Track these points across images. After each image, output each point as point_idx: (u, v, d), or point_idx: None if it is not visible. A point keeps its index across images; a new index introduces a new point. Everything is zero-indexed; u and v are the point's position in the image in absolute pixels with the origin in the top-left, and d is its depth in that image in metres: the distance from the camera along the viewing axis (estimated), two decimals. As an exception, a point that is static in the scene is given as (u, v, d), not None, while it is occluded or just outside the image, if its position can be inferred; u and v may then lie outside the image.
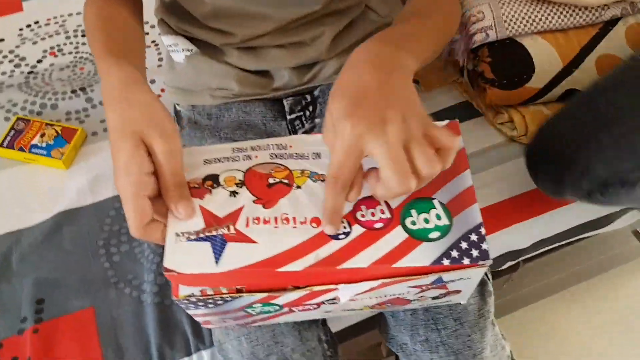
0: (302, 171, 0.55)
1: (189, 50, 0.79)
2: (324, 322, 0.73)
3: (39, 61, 1.04)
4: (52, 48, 1.06)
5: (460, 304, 0.69)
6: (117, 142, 0.49)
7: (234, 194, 0.53)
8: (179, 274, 0.49)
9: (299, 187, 0.54)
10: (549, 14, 0.84)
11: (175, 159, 0.50)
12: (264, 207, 0.52)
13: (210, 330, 0.74)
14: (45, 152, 0.88)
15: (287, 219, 0.52)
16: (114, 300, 0.77)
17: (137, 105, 0.52)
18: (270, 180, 0.54)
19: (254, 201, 0.52)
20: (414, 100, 0.50)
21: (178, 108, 0.86)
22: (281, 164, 0.55)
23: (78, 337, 0.74)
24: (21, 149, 0.89)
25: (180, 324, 0.75)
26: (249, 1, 0.73)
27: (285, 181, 0.54)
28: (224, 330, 0.68)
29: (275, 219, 0.52)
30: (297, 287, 0.53)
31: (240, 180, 0.54)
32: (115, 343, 0.74)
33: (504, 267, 0.99)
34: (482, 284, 0.73)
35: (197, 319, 0.68)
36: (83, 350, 0.73)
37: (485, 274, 0.75)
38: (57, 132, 0.91)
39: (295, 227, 0.51)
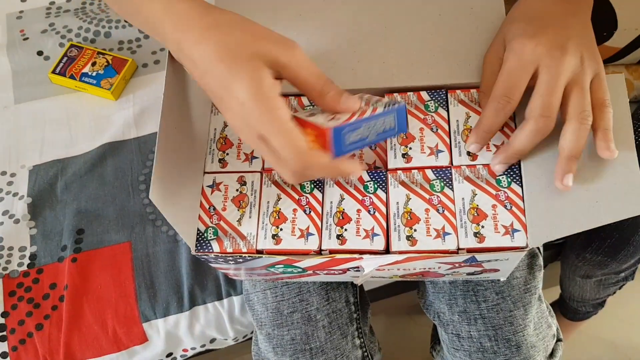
0: None
1: None
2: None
3: (97, -14, 1.03)
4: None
5: None
6: (228, 73, 0.43)
7: None
8: None
9: None
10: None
11: (312, 62, 0.46)
12: None
13: (241, 277, 0.74)
14: (95, 82, 0.87)
15: None
16: (150, 237, 0.77)
17: (236, 26, 0.45)
18: None
19: None
20: (594, 43, 0.51)
21: None
22: None
23: (113, 270, 0.74)
24: (72, 77, 0.88)
25: (213, 268, 0.75)
26: None
27: None
28: (251, 281, 0.67)
29: None
30: (318, 253, 0.50)
31: None
32: (148, 279, 0.74)
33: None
34: (532, 256, 0.68)
35: (222, 271, 0.67)
36: (117, 284, 0.74)
37: (537, 247, 0.70)
38: (107, 61, 0.89)
39: None
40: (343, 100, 0.46)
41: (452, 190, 0.52)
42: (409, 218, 0.51)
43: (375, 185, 0.53)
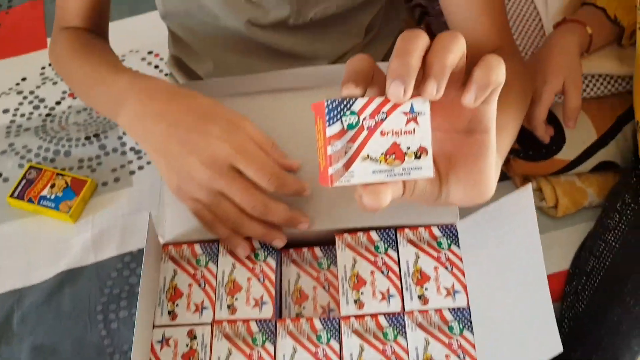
0: None
1: None
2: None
3: (58, 103, 1.04)
4: (70, 89, 1.05)
5: None
6: (204, 119, 0.52)
7: None
8: None
9: None
10: (584, 84, 0.76)
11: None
12: None
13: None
14: (53, 205, 0.87)
15: None
16: (108, 373, 0.75)
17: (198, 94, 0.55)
18: None
19: None
20: None
21: None
22: None
23: (70, 411, 0.72)
24: (30, 201, 0.88)
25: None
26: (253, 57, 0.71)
27: None
28: None
29: None
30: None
31: None
32: (106, 418, 0.72)
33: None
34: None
35: None
36: None
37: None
38: (66, 182, 0.89)
39: None
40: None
41: (406, 340, 0.52)
42: None
43: (328, 335, 0.53)
